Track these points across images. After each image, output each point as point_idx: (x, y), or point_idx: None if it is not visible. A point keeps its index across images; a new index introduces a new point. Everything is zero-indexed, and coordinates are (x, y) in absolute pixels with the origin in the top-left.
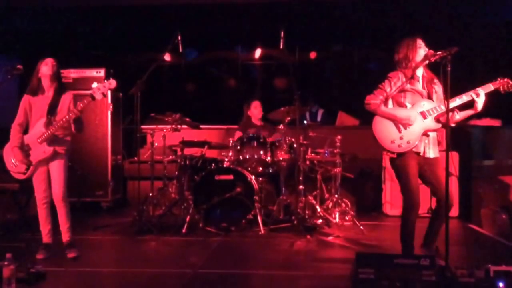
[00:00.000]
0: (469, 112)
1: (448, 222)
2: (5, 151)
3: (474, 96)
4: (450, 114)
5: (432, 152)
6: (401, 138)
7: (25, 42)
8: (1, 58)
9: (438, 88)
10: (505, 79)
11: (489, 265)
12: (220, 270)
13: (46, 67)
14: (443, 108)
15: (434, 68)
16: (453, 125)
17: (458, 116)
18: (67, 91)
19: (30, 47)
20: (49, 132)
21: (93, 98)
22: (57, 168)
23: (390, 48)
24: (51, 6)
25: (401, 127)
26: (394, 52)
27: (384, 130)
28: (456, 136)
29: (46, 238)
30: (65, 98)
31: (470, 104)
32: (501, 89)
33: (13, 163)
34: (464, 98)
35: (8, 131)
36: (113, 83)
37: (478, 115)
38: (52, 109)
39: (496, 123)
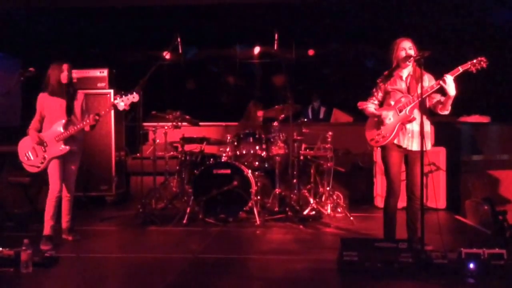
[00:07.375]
0: (447, 99)
1: (423, 210)
2: (21, 144)
3: (442, 83)
4: (435, 100)
5: (416, 145)
6: (378, 134)
7: (27, 41)
8: (4, 57)
9: (426, 83)
10: (478, 58)
11: (461, 248)
12: (218, 255)
13: (64, 74)
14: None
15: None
16: (446, 112)
17: (439, 98)
18: (78, 91)
19: (32, 46)
20: (67, 133)
21: (115, 108)
22: (71, 166)
23: (386, 45)
24: (54, 6)
25: (381, 124)
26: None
27: (368, 129)
28: (445, 132)
29: (48, 230)
30: (78, 98)
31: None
32: (473, 69)
33: (28, 156)
34: (434, 86)
35: (13, 128)
36: (136, 96)
37: (468, 112)
38: (69, 111)
39: (485, 119)
